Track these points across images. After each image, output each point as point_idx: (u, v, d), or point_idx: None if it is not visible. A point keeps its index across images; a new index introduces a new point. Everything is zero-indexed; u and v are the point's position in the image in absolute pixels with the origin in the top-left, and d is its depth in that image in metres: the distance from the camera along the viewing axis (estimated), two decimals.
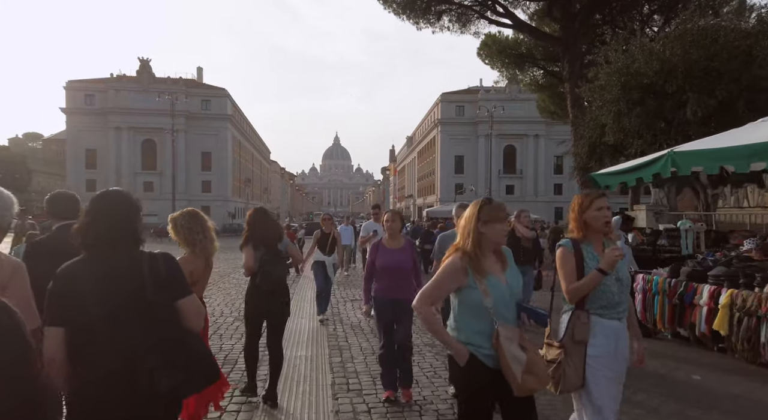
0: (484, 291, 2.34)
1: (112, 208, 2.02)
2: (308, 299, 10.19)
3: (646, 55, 12.73)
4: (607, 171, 7.76)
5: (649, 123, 12.68)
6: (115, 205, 2.04)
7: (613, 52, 13.80)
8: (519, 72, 33.07)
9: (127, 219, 2.03)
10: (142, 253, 2.02)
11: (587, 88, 14.83)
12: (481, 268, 2.37)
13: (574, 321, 2.61)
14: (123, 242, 1.99)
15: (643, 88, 12.63)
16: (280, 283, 4.42)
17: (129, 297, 1.92)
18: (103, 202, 2.04)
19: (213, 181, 64.89)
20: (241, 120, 76.91)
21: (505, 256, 2.55)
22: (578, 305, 2.66)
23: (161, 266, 1.99)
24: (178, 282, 2.06)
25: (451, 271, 2.40)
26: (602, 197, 2.75)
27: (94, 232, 1.96)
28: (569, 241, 2.75)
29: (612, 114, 13.16)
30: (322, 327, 7.60)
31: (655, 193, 19.71)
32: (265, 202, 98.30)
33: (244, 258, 4.36)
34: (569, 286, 2.65)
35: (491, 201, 2.51)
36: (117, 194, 2.11)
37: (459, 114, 66.98)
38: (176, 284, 2.04)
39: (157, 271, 1.97)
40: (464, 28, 28.55)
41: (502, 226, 2.46)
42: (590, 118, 15.08)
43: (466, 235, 2.43)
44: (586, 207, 2.73)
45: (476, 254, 2.39)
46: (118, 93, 60.89)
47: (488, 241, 2.42)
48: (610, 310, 2.65)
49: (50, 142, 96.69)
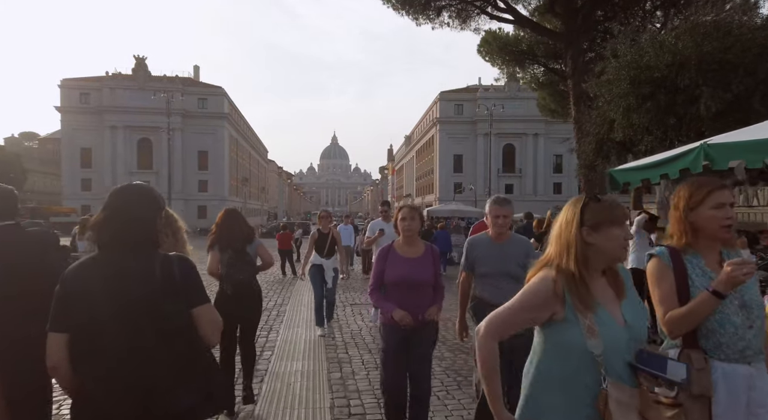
0: (590, 329, 1.60)
1: (129, 205, 1.89)
2: (305, 304, 9.66)
3: (656, 48, 12.25)
4: (628, 166, 7.25)
5: (659, 118, 12.20)
6: (134, 201, 1.91)
7: (621, 46, 13.32)
8: (519, 69, 32.65)
9: (145, 217, 1.90)
10: (156, 255, 1.88)
11: (594, 83, 14.32)
12: (586, 297, 1.64)
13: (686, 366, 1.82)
14: (139, 242, 1.86)
15: (654, 82, 12.15)
16: (245, 286, 4.18)
17: (141, 302, 1.78)
18: (121, 196, 1.91)
19: (210, 181, 64.36)
20: (238, 119, 76.35)
21: (622, 278, 1.76)
22: (687, 342, 1.93)
23: (176, 270, 1.84)
24: (194, 288, 1.90)
25: (539, 296, 1.68)
26: (723, 189, 1.99)
27: (110, 229, 1.85)
28: (666, 249, 2.03)
29: (621, 109, 12.66)
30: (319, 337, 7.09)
31: (660, 190, 19.28)
32: (262, 201, 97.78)
33: (208, 261, 4.17)
34: (668, 313, 1.94)
35: (599, 198, 1.75)
36: (137, 189, 1.97)
37: (458, 113, 66.61)
38: (191, 290, 1.88)
39: (171, 274, 1.82)
40: (464, 24, 28.09)
41: (620, 231, 1.69)
42: (597, 114, 14.59)
43: (564, 247, 1.70)
44: (698, 202, 1.99)
45: (580, 275, 1.65)
46: (114, 91, 60.24)
47: (599, 256, 1.69)
48: (733, 350, 1.89)
49: (46, 141, 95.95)
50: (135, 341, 1.75)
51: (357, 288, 11.93)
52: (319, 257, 7.23)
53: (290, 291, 11.40)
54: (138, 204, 1.90)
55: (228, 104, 67.89)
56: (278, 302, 9.76)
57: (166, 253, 1.91)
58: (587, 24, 23.58)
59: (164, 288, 1.80)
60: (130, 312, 1.76)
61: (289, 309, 8.88)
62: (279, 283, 13.04)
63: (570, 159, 67.89)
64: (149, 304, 1.78)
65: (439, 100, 67.00)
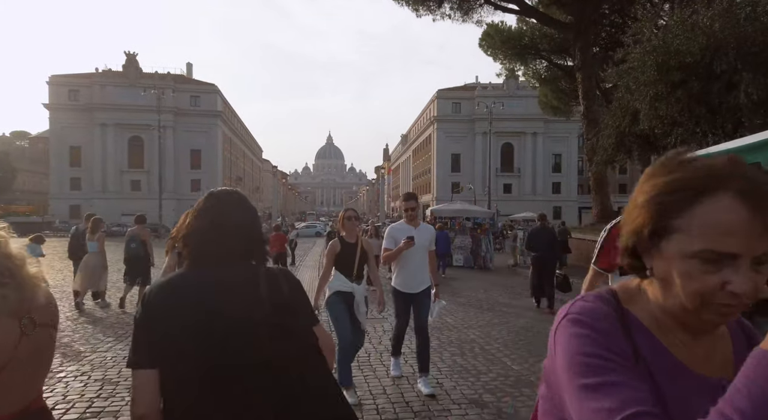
0: None
1: (232, 210, 1.60)
2: None
3: (687, 31, 11.10)
4: (716, 150, 6.05)
5: (690, 108, 11.07)
6: (235, 207, 1.62)
7: (646, 30, 12.19)
8: (521, 65, 31.71)
9: (248, 224, 1.61)
10: (259, 269, 1.56)
11: (614, 72, 13.19)
12: None
13: None
14: (244, 253, 1.56)
15: (685, 68, 11.01)
16: None
17: (255, 326, 1.41)
18: (223, 201, 1.62)
19: (203, 180, 63.03)
20: (231, 117, 75.06)
21: None
22: None
23: (284, 286, 1.53)
24: (305, 305, 1.61)
25: None
26: None
27: (216, 239, 1.52)
28: None
29: (647, 98, 11.52)
30: None
31: None
32: (257, 201, 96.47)
33: (163, 266, 3.84)
34: None
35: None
36: (237, 194, 1.69)
37: (455, 111, 65.70)
38: (303, 308, 1.59)
39: (279, 292, 1.51)
40: (466, 16, 27.02)
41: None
42: (617, 105, 13.45)
43: None
44: None
45: None
46: (104, 88, 58.85)
47: None
48: None
49: (37, 140, 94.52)
50: (253, 380, 1.37)
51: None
52: (345, 280, 4.71)
53: None
54: (240, 210, 1.62)
55: (221, 102, 66.61)
56: None
57: (269, 267, 1.62)
58: (596, 14, 22.51)
59: (274, 307, 1.47)
60: (245, 341, 1.39)
61: None
62: None
63: (569, 158, 67.22)
64: (272, 325, 1.43)
65: (436, 98, 65.98)
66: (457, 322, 7.60)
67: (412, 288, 4.76)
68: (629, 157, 14.22)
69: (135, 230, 9.36)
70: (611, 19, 24.18)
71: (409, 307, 4.80)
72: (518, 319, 7.89)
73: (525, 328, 7.48)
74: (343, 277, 4.69)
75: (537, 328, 7.45)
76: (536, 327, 7.54)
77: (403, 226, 4.86)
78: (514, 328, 7.34)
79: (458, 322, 7.63)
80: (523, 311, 8.83)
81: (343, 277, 4.69)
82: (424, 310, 4.79)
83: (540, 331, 7.27)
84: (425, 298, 4.81)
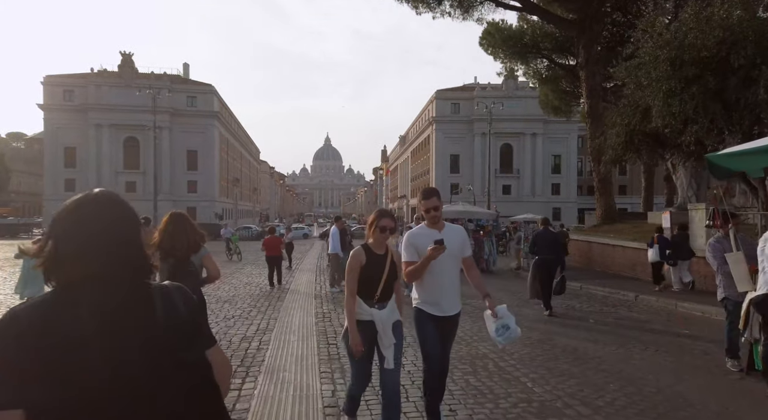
0: None
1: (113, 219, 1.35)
2: (295, 330, 7.90)
3: (702, 24, 10.60)
4: (732, 151, 5.56)
5: (705, 104, 10.55)
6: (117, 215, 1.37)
7: (658, 23, 11.68)
8: (522, 64, 31.26)
9: (128, 234, 1.37)
10: (150, 287, 1.35)
11: (623, 67, 12.67)
12: None
13: None
14: (124, 269, 1.31)
15: (700, 63, 10.51)
16: None
17: (142, 354, 1.24)
18: (99, 209, 1.35)
19: (199, 181, 62.48)
20: (228, 117, 74.41)
21: None
22: None
23: (179, 304, 1.34)
24: (203, 324, 1.46)
25: None
26: None
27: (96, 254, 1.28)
28: None
29: (660, 94, 11.00)
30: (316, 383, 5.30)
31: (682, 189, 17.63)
32: (254, 202, 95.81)
33: None
34: None
35: None
36: (115, 199, 1.40)
37: (454, 111, 65.26)
38: (201, 328, 1.41)
39: (175, 311, 1.32)
40: (467, 14, 26.50)
41: None
42: (626, 102, 12.93)
43: None
44: None
45: None
46: (99, 88, 58.20)
47: None
48: None
49: (33, 141, 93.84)
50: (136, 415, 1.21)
51: None
52: (361, 304, 3.47)
53: (277, 308, 9.61)
54: (110, 215, 1.34)
55: (218, 102, 65.98)
56: (261, 326, 7.90)
57: (161, 283, 1.40)
58: (601, 10, 21.99)
59: (173, 331, 1.30)
60: (131, 373, 1.21)
61: (275, 338, 7.01)
62: (265, 297, 11.23)
63: (569, 159, 66.74)
64: (157, 357, 1.25)
65: (435, 98, 65.45)
66: (466, 334, 7.04)
67: (443, 309, 3.63)
68: (638, 157, 13.69)
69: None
70: (612, 18, 23.71)
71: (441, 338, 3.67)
72: (531, 331, 7.33)
73: (540, 340, 6.92)
74: (360, 299, 3.44)
75: (553, 341, 6.90)
76: (553, 339, 6.99)
77: (424, 230, 3.70)
78: (528, 340, 6.78)
79: (466, 334, 7.08)
80: (534, 322, 8.27)
81: (360, 301, 3.44)
82: (449, 344, 3.82)
83: (557, 344, 6.72)
84: (455, 327, 3.84)
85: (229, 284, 13.38)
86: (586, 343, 6.75)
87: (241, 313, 8.97)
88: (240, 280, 14.26)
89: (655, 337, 7.20)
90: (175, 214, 4.13)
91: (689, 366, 5.75)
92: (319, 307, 9.77)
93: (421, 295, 3.67)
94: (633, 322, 8.48)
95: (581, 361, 5.90)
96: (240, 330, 7.55)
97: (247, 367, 5.58)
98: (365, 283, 3.42)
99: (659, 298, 10.40)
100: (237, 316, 8.73)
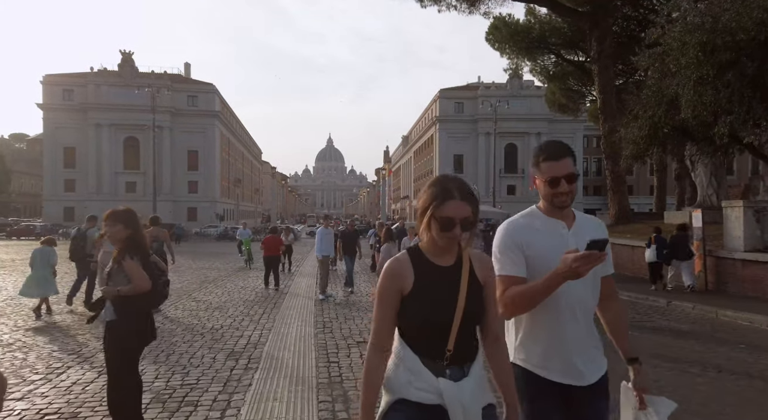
0: None
1: None
2: (291, 344, 7.03)
3: (738, 4, 9.68)
4: None
5: (742, 93, 9.64)
6: None
7: (685, 6, 10.77)
8: (529, 60, 30.41)
9: None
10: None
11: (646, 55, 11.76)
12: None
13: None
14: None
15: (737, 47, 9.60)
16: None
17: None
18: None
19: (200, 182, 61.82)
20: (230, 117, 73.70)
21: None
22: None
23: None
24: None
25: None
26: None
27: None
28: None
29: (691, 82, 10.09)
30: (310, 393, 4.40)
31: (702, 187, 16.69)
32: (256, 203, 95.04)
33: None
34: None
35: None
36: None
37: (458, 111, 64.50)
38: None
39: None
40: (473, 7, 25.61)
41: None
42: (649, 93, 12.00)
43: None
44: None
45: None
46: (99, 88, 57.60)
47: None
48: None
49: (34, 142, 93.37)
50: None
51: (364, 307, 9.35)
52: (422, 369, 1.64)
53: (272, 317, 8.72)
54: None
55: (219, 102, 65.29)
56: (252, 339, 6.99)
57: None
58: (614, 2, 21.10)
59: None
60: None
61: (266, 356, 6.06)
62: (260, 303, 10.33)
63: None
64: None
65: (439, 98, 64.64)
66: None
67: (569, 372, 1.89)
68: (663, 151, 12.79)
69: (152, 231, 8.87)
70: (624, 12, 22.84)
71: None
72: None
73: None
74: (417, 357, 1.66)
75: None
76: None
77: (537, 218, 2.02)
78: None
79: None
80: None
81: (418, 361, 1.65)
82: None
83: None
84: (600, 400, 1.96)
85: (222, 288, 12.50)
86: None
87: (232, 323, 8.09)
88: (235, 284, 13.37)
89: (708, 354, 6.21)
90: (115, 212, 3.68)
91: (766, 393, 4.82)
92: (319, 315, 8.89)
93: (526, 343, 1.94)
94: (675, 334, 7.54)
95: None
96: (228, 344, 6.65)
97: (229, 393, 4.67)
98: (419, 328, 1.67)
99: (696, 305, 9.48)
100: (226, 326, 7.83)
